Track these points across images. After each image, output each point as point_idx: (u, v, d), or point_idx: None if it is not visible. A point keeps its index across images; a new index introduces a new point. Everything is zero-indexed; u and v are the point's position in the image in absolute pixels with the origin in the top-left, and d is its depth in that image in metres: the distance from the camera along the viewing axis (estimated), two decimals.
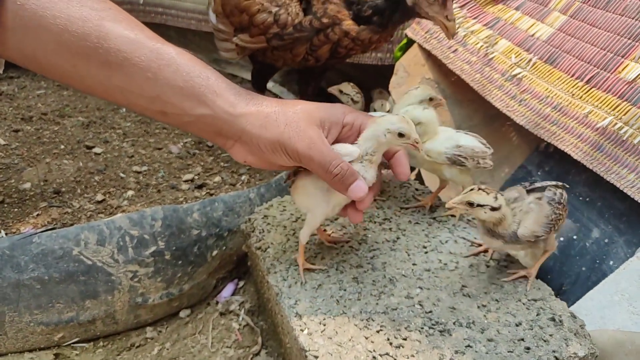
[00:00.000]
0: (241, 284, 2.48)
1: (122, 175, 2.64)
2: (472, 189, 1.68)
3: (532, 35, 2.43)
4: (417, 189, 2.31)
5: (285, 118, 1.47)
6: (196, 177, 2.63)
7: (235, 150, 1.49)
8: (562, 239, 2.09)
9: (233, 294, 2.44)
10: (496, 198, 1.67)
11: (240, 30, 2.39)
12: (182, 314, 2.33)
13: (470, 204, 1.66)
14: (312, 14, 2.19)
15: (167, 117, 1.42)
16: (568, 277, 2.02)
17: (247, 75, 4.04)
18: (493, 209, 1.66)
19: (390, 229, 2.07)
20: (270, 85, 3.77)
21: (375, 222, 2.10)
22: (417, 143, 1.60)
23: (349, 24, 2.18)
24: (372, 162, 1.63)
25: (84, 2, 1.35)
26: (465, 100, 2.64)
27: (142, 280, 2.12)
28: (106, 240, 2.05)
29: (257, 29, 2.28)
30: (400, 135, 1.57)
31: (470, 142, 2.00)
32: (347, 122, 1.62)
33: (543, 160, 2.32)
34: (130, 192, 2.50)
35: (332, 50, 2.28)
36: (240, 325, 2.28)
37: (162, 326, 2.29)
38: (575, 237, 2.07)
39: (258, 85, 2.85)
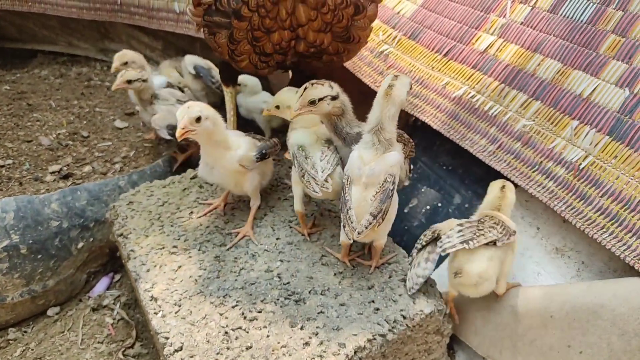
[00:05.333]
0: (117, 277, 2.37)
1: None
2: (305, 88, 1.65)
3: (398, 12, 2.49)
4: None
5: None
6: (64, 168, 2.49)
7: None
8: (428, 207, 2.15)
9: (108, 288, 2.33)
10: (332, 87, 1.68)
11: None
12: (50, 312, 2.19)
13: (313, 102, 1.64)
14: None
15: None
16: None
17: None
18: (333, 97, 1.66)
19: (259, 207, 2.04)
20: None
21: (244, 202, 2.07)
22: None
23: None
24: None
25: None
26: (341, 79, 2.65)
27: None
28: None
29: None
30: None
31: None
32: None
33: (412, 133, 2.38)
34: None
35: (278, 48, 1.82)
36: (114, 319, 2.17)
37: (27, 326, 2.14)
38: (439, 204, 2.14)
39: (225, 81, 2.34)
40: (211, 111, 1.74)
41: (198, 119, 1.67)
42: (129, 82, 2.35)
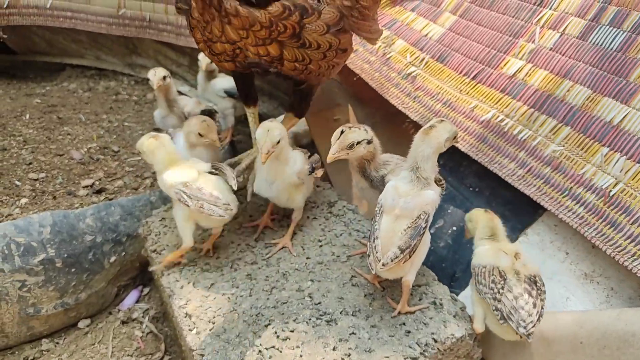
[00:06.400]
0: (146, 290, 2.42)
1: (17, 183, 2.52)
2: (342, 132, 1.70)
3: (426, 35, 2.53)
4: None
5: None
6: (96, 183, 2.55)
7: None
8: (454, 228, 2.17)
9: (137, 301, 2.37)
10: (366, 130, 1.73)
11: None
12: (81, 324, 2.24)
13: (351, 146, 1.69)
14: None
15: None
16: (460, 264, 2.10)
17: None
18: (369, 142, 1.72)
19: (288, 225, 2.08)
20: None
21: (273, 220, 2.11)
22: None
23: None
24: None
25: None
26: (366, 99, 2.70)
27: (32, 289, 2.02)
28: None
29: None
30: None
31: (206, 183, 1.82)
32: None
33: (439, 154, 2.41)
34: (23, 200, 2.39)
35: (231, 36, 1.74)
36: (143, 333, 2.21)
37: (59, 337, 2.19)
38: None
39: (244, 100, 2.28)
40: (284, 130, 1.82)
41: (278, 142, 1.76)
42: (164, 78, 2.47)
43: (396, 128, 2.59)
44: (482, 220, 1.77)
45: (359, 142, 1.69)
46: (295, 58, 1.79)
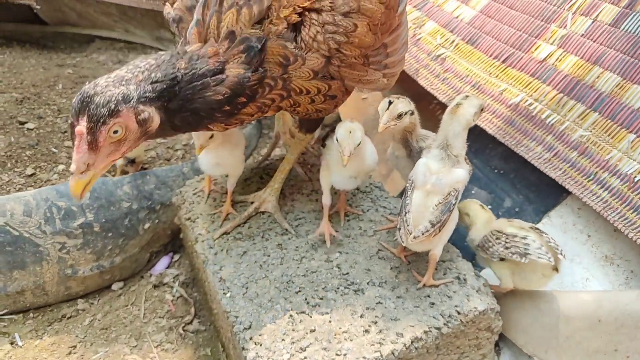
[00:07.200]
0: (176, 257, 2.51)
1: (54, 150, 2.61)
2: (390, 102, 1.75)
3: (457, 17, 2.55)
4: None
5: None
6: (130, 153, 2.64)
7: None
8: None
9: (168, 267, 2.47)
10: (410, 102, 1.80)
11: None
12: (114, 286, 2.35)
13: (400, 116, 1.75)
14: None
15: None
16: None
17: None
18: (412, 112, 1.80)
19: (316, 200, 2.15)
20: None
21: (302, 194, 2.18)
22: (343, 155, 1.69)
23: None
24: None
25: None
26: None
27: (70, 251, 2.13)
28: (33, 211, 2.04)
29: None
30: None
31: None
32: None
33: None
34: (61, 167, 2.48)
35: None
36: (174, 296, 2.31)
37: (94, 298, 2.31)
38: (490, 207, 2.21)
39: None
40: (362, 129, 1.78)
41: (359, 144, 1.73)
42: None
43: (423, 108, 2.62)
44: (480, 216, 1.87)
45: (405, 113, 1.75)
46: (282, 96, 1.71)
